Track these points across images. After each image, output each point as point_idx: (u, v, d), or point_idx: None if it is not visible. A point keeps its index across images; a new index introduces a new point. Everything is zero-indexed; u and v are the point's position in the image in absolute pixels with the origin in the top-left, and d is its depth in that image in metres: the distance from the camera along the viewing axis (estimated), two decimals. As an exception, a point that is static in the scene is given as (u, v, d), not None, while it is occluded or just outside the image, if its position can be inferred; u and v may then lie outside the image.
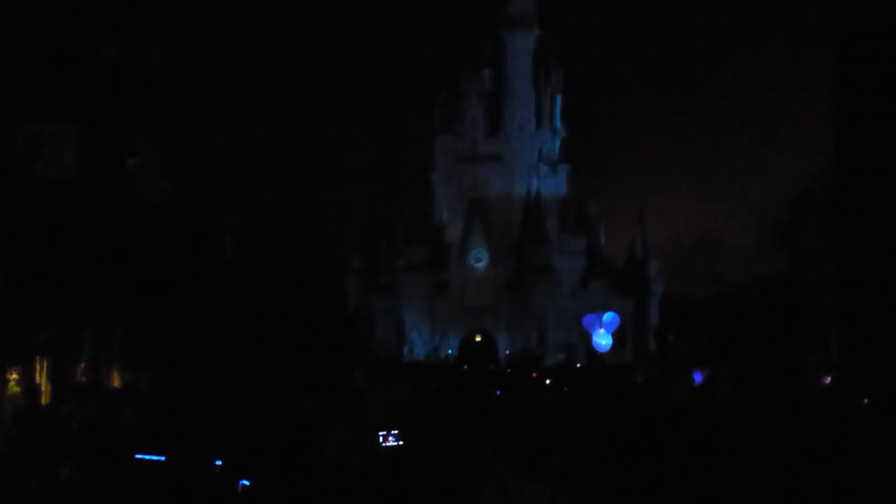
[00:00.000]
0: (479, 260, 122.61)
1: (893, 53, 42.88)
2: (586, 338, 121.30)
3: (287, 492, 13.39)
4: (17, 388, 30.08)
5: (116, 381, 36.69)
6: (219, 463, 14.29)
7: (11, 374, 30.18)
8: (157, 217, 38.12)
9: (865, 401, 23.50)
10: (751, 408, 17.75)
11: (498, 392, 34.73)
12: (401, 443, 15.55)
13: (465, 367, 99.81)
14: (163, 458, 14.70)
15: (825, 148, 48.46)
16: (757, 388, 30.51)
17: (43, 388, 31.40)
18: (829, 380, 39.37)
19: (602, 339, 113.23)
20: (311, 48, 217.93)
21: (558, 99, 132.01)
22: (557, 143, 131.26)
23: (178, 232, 39.57)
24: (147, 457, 14.62)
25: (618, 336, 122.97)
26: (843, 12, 47.87)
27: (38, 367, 32.04)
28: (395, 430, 15.71)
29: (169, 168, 40.14)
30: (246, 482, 13.81)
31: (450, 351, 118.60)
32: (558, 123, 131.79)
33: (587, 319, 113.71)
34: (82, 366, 33.90)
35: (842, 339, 45.02)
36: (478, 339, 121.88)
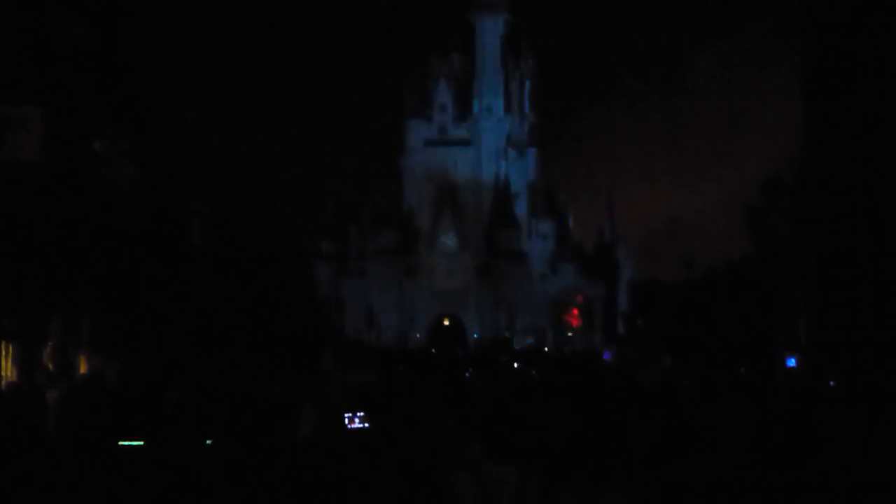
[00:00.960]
0: (449, 244, 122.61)
1: (862, 37, 42.98)
2: (556, 322, 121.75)
3: (253, 464, 13.38)
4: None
5: (83, 367, 36.49)
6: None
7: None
8: (124, 202, 37.90)
9: (832, 384, 23.61)
10: (718, 392, 17.80)
11: (467, 375, 34.70)
12: (366, 425, 15.55)
13: (433, 350, 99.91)
14: (141, 443, 14.67)
15: (795, 132, 48.59)
16: (724, 372, 30.60)
17: (6, 373, 31.19)
18: (794, 363, 39.55)
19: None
20: (281, 31, 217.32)
21: (527, 84, 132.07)
22: (526, 127, 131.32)
23: (146, 217, 39.36)
24: (128, 443, 14.60)
25: (587, 319, 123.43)
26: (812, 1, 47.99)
27: (2, 352, 31.83)
28: (360, 412, 15.71)
29: (136, 152, 39.90)
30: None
31: (418, 335, 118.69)
32: (527, 108, 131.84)
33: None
34: (48, 351, 33.69)
35: (810, 323, 45.21)
36: (446, 322, 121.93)
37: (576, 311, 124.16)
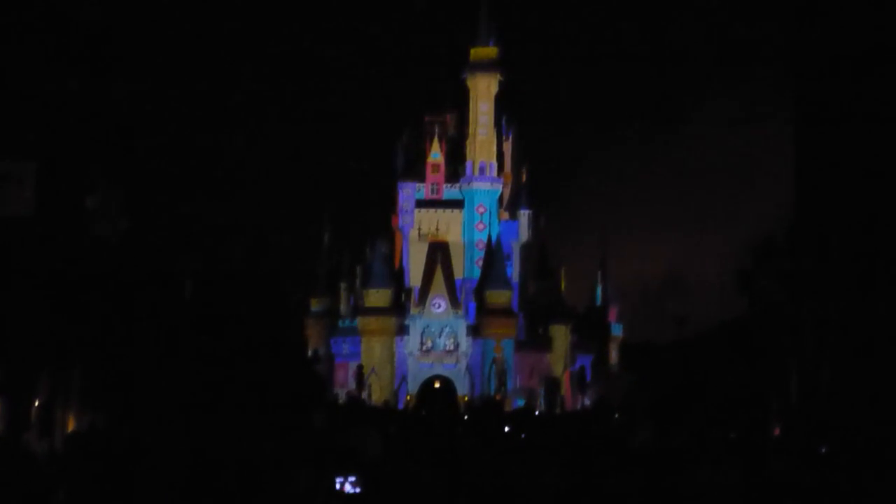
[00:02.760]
0: (440, 304, 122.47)
1: (855, 99, 43.21)
2: (548, 384, 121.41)
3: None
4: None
5: (71, 423, 36.29)
6: None
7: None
8: (116, 257, 37.84)
9: (822, 450, 23.51)
10: (709, 455, 17.68)
11: (458, 437, 34.51)
12: (359, 490, 15.31)
13: (424, 412, 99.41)
14: None
15: (789, 194, 48.74)
16: (716, 434, 30.45)
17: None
18: (777, 431, 39.45)
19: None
20: (276, 85, 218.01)
21: (520, 143, 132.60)
22: (519, 188, 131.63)
23: (138, 272, 39.28)
24: None
25: (578, 382, 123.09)
26: (803, 61, 48.28)
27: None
28: (352, 475, 15.48)
29: (128, 207, 39.88)
30: None
31: (408, 396, 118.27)
32: (521, 169, 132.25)
33: None
34: (36, 405, 33.53)
35: (801, 384, 45.15)
36: (437, 384, 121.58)
37: (567, 373, 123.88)
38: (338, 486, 15.44)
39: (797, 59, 49.32)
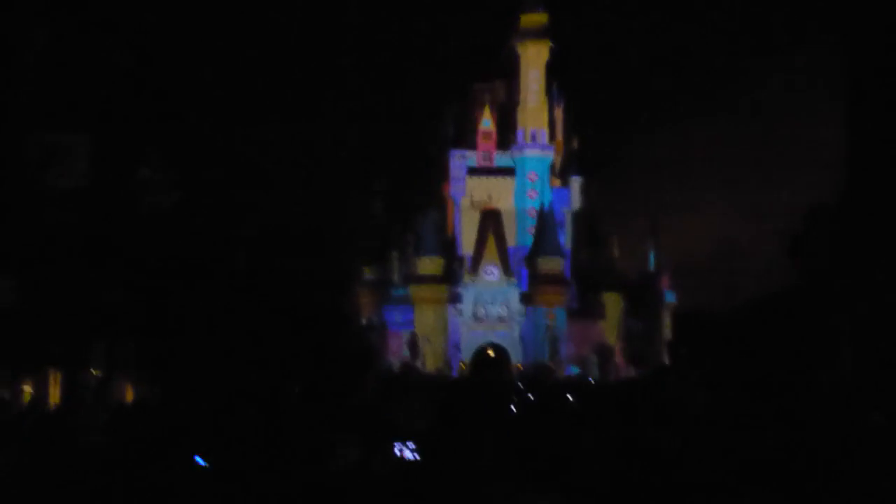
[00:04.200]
0: (492, 272, 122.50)
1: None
2: (601, 352, 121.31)
3: (293, 493, 13.36)
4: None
5: (129, 394, 36.68)
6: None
7: (25, 385, 30.20)
8: (168, 228, 38.11)
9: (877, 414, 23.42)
10: (760, 424, 17.69)
11: (511, 406, 34.61)
12: (416, 456, 15.44)
13: (478, 380, 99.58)
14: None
15: (839, 158, 48.33)
16: (767, 404, 30.36)
17: (54, 400, 31.38)
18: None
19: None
20: (326, 56, 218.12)
21: (571, 110, 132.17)
22: (570, 155, 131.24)
23: (190, 243, 39.53)
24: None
25: (630, 350, 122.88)
26: (855, 25, 47.82)
27: (51, 380, 32.04)
28: (411, 442, 15.62)
29: (180, 178, 40.12)
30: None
31: (461, 364, 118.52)
32: (571, 135, 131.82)
33: None
34: (94, 377, 33.89)
35: (855, 354, 44.86)
36: (490, 352, 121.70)
37: (619, 342, 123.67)
38: (397, 453, 15.59)
39: (849, 22, 48.87)
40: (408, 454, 15.77)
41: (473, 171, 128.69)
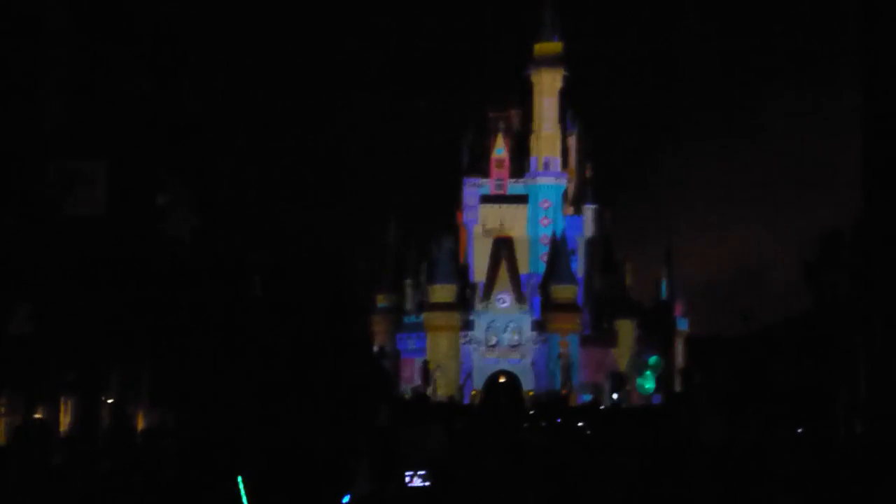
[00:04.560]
0: (505, 299, 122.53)
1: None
2: (614, 378, 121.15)
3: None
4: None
5: (141, 422, 36.70)
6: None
7: (37, 412, 30.23)
8: (186, 255, 38.21)
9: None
10: (778, 452, 17.66)
11: (525, 433, 34.55)
12: (427, 483, 15.47)
13: (490, 406, 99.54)
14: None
15: (856, 186, 48.30)
16: (784, 431, 30.30)
17: (65, 428, 31.41)
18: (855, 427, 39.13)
19: (647, 383, 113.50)
20: (343, 84, 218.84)
21: (584, 138, 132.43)
22: (584, 183, 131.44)
23: (208, 269, 39.63)
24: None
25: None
26: (871, 54, 47.86)
27: (62, 408, 32.08)
28: (422, 470, 15.64)
29: (199, 205, 40.25)
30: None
31: (473, 391, 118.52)
32: (585, 163, 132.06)
33: (632, 362, 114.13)
34: (108, 404, 33.92)
35: (871, 381, 44.76)
36: (502, 379, 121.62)
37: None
38: (407, 481, 15.58)
39: (865, 52, 48.95)
40: (417, 482, 15.77)
41: (486, 199, 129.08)
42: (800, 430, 36.61)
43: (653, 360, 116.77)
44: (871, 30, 44.07)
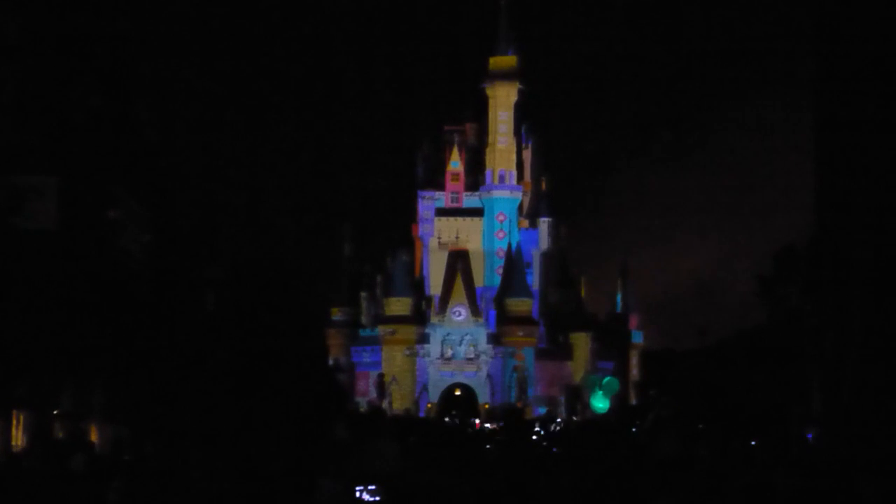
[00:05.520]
0: (460, 314, 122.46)
1: (875, 106, 43.21)
2: (569, 392, 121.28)
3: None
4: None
5: (94, 436, 36.42)
6: None
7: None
8: (138, 270, 37.98)
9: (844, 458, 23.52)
10: (734, 463, 17.74)
11: (479, 445, 34.57)
12: (378, 498, 15.41)
13: (446, 420, 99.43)
14: None
15: (809, 202, 48.70)
16: (739, 443, 30.43)
17: (17, 442, 31.13)
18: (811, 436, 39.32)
19: (599, 403, 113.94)
20: (298, 99, 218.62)
21: (540, 152, 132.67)
22: (539, 196, 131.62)
23: (160, 285, 39.41)
24: None
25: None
26: (823, 69, 48.27)
27: (14, 421, 31.80)
28: (371, 484, 15.58)
29: (151, 220, 40.05)
30: None
31: (429, 405, 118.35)
32: (540, 176, 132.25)
33: (586, 381, 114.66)
34: (59, 419, 33.65)
35: (824, 393, 45.04)
36: (458, 392, 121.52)
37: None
38: (357, 495, 15.58)
39: (817, 67, 49.31)
40: (367, 497, 15.76)
41: (442, 212, 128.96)
42: (753, 443, 36.81)
43: (606, 380, 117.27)
44: (823, 53, 44.42)
